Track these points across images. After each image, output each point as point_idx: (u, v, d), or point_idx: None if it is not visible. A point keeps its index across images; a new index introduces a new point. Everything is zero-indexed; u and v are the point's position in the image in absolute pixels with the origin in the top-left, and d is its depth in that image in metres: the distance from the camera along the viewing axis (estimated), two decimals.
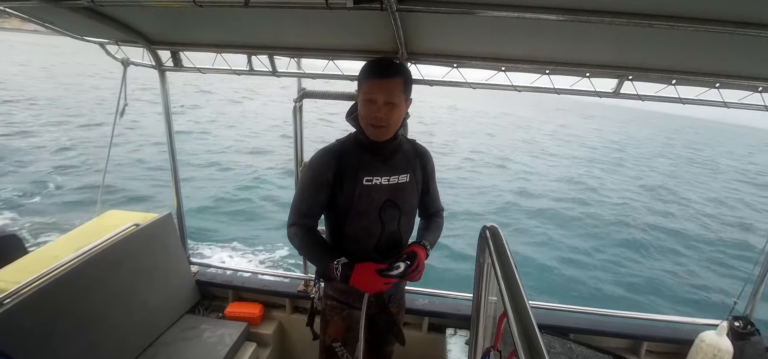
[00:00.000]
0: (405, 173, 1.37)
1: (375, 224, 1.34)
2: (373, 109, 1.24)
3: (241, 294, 2.25)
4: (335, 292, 1.46)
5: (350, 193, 1.30)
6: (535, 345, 0.59)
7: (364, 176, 1.30)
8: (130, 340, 1.76)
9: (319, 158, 1.32)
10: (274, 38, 1.68)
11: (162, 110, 2.08)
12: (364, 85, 1.26)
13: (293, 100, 1.87)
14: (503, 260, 0.84)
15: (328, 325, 1.49)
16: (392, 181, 1.34)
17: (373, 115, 1.25)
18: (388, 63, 1.27)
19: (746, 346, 1.78)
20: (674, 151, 24.73)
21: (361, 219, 1.33)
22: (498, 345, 1.05)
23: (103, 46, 1.88)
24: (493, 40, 1.45)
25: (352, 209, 1.32)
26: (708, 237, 9.16)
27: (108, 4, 1.41)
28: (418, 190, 1.42)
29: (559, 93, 1.65)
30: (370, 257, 1.35)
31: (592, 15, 1.06)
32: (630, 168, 16.97)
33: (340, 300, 1.46)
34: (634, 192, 12.54)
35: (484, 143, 18.94)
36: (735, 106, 1.58)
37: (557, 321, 2.01)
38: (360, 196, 1.31)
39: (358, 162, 1.31)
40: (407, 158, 1.39)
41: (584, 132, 29.49)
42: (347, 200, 1.31)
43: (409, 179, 1.38)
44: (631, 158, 19.75)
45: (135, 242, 1.86)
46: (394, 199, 1.35)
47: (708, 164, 21.95)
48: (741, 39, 1.11)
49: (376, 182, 1.32)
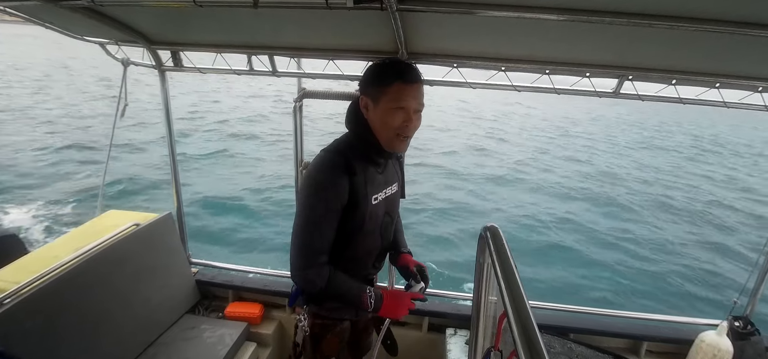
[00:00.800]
0: (394, 183, 1.33)
1: (377, 242, 1.29)
2: (406, 118, 1.11)
3: (241, 293, 2.25)
4: (327, 311, 1.34)
5: (361, 216, 1.17)
6: (535, 345, 0.59)
7: (372, 195, 1.19)
8: (130, 340, 1.77)
9: (329, 177, 1.11)
10: (274, 38, 1.67)
11: (162, 109, 2.08)
12: (393, 89, 1.10)
13: (293, 100, 1.87)
14: (503, 261, 0.84)
15: (319, 343, 1.35)
16: (388, 193, 1.28)
17: (407, 126, 1.11)
18: (411, 65, 1.16)
19: (746, 346, 1.78)
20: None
21: (366, 240, 1.24)
22: (498, 345, 1.05)
23: (103, 46, 1.88)
24: (493, 40, 1.45)
25: (359, 231, 1.19)
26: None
27: (108, 4, 1.41)
28: (400, 194, 1.39)
29: (559, 93, 1.65)
30: (367, 272, 1.34)
31: (592, 15, 1.06)
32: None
33: (333, 317, 1.36)
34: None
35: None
36: (735, 106, 1.58)
37: (557, 321, 2.01)
38: (369, 217, 1.19)
39: (364, 178, 1.17)
40: (393, 165, 1.34)
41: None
42: (357, 224, 1.18)
43: (396, 187, 1.34)
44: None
45: (135, 242, 1.86)
46: (390, 211, 1.31)
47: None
48: (741, 39, 1.11)
49: (379, 199, 1.23)
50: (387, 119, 1.12)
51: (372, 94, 1.14)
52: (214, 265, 2.40)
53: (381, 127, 1.14)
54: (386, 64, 1.17)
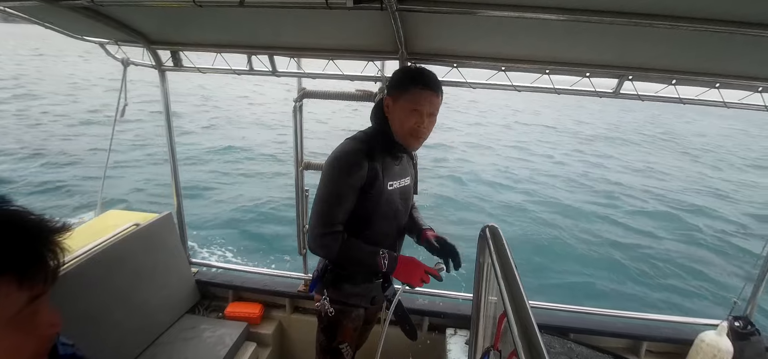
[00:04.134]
0: (408, 176, 1.43)
1: (392, 227, 1.39)
2: (419, 120, 1.24)
3: (241, 293, 2.25)
4: (344, 296, 1.43)
5: (377, 197, 1.29)
6: (535, 345, 0.59)
7: (389, 181, 1.32)
8: (130, 340, 1.76)
9: (352, 157, 1.24)
10: (274, 38, 1.68)
11: (162, 109, 2.08)
12: (411, 93, 1.23)
13: (293, 100, 1.87)
14: (503, 261, 0.84)
15: (337, 330, 1.46)
16: (402, 184, 1.39)
17: (419, 127, 1.24)
18: (435, 76, 1.27)
19: (746, 346, 1.78)
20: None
21: (382, 223, 1.35)
22: (498, 345, 1.05)
23: (103, 46, 1.88)
24: (493, 40, 1.45)
25: (375, 214, 1.32)
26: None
27: (108, 4, 1.41)
28: (413, 189, 1.50)
29: (559, 93, 1.65)
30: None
31: (592, 15, 1.06)
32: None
33: (348, 303, 1.44)
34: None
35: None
36: (735, 106, 1.58)
37: (557, 321, 2.01)
38: (386, 201, 1.32)
39: (383, 165, 1.30)
40: (407, 161, 1.44)
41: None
42: (373, 205, 1.30)
43: (409, 180, 1.45)
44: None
45: (135, 242, 1.86)
46: (405, 201, 1.42)
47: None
48: (741, 39, 1.11)
49: (395, 187, 1.35)
50: (405, 119, 1.25)
51: (394, 94, 1.27)
52: (214, 265, 2.40)
53: (398, 125, 1.27)
54: (411, 69, 1.31)
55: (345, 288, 1.42)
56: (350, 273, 1.41)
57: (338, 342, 1.47)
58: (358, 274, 1.41)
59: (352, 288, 1.42)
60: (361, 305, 1.46)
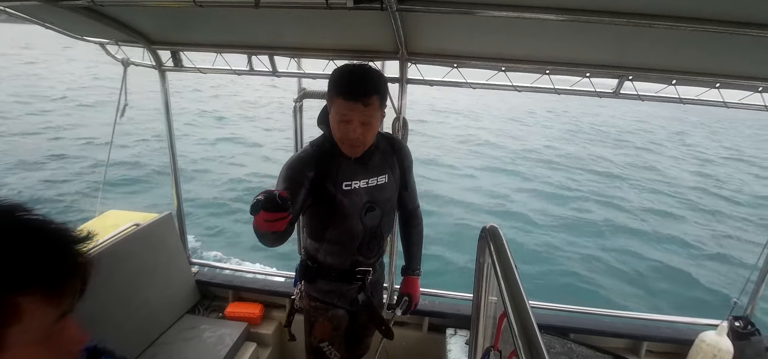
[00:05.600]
0: (383, 174, 1.36)
1: (357, 227, 1.33)
2: (349, 129, 1.17)
3: (241, 294, 2.25)
4: (319, 293, 1.44)
5: (331, 199, 1.27)
6: (535, 345, 0.59)
7: (343, 182, 1.28)
8: (130, 340, 1.76)
9: (297, 158, 1.28)
10: (274, 38, 1.68)
11: (162, 109, 2.08)
12: (335, 102, 1.16)
13: (293, 100, 1.87)
14: (503, 261, 0.84)
15: (313, 327, 1.47)
16: (371, 183, 1.33)
17: (348, 137, 1.19)
18: (361, 79, 1.15)
19: (746, 346, 1.78)
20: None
21: (343, 224, 1.31)
22: (498, 345, 1.05)
23: (103, 46, 1.88)
24: (493, 40, 1.45)
25: (333, 215, 1.30)
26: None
27: (108, 4, 1.41)
28: (396, 188, 1.42)
29: (559, 93, 1.65)
30: (354, 259, 1.38)
31: (592, 15, 1.06)
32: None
33: (324, 300, 1.44)
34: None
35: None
36: (735, 106, 1.58)
37: (557, 321, 2.01)
38: (341, 202, 1.28)
39: (337, 167, 1.27)
40: (384, 157, 1.37)
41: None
42: (328, 207, 1.28)
43: (388, 179, 1.37)
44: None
45: (135, 242, 1.86)
46: (374, 201, 1.34)
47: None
48: (741, 39, 1.11)
49: (355, 187, 1.30)
50: (336, 129, 1.21)
51: (328, 100, 1.23)
52: (214, 265, 2.40)
53: (334, 133, 1.23)
54: (334, 75, 1.19)
55: (319, 284, 1.42)
56: (324, 269, 1.39)
57: (319, 341, 1.46)
58: (332, 270, 1.39)
59: (325, 285, 1.42)
60: (338, 305, 1.44)
